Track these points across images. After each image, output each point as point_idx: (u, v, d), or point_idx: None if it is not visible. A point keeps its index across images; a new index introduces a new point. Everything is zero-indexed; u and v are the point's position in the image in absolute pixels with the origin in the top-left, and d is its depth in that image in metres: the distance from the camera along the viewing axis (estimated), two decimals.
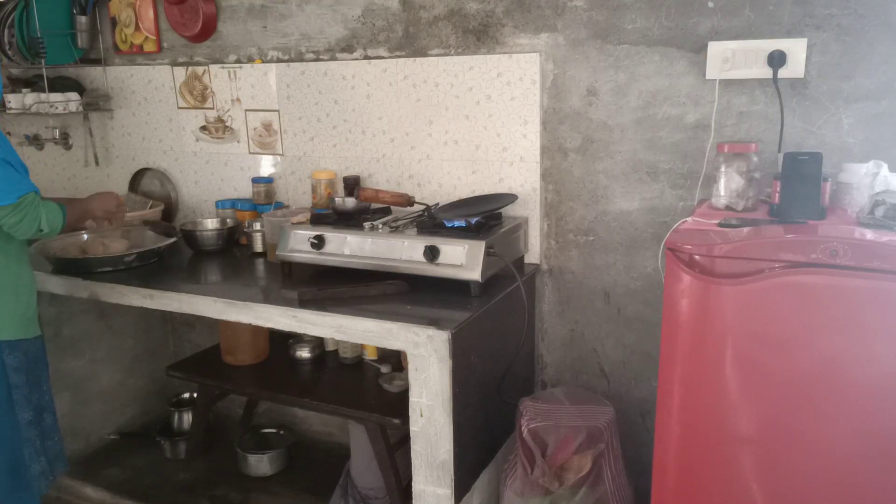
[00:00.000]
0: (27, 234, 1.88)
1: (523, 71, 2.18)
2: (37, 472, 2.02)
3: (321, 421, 2.89)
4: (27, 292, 1.99)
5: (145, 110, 2.92)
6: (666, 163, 2.08)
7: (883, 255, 1.36)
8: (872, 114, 1.84)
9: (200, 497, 2.57)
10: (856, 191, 1.69)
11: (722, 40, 1.94)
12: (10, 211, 1.81)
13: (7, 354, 1.92)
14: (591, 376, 2.33)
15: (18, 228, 1.84)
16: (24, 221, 1.84)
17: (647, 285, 2.18)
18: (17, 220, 1.83)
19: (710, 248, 1.50)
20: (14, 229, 1.84)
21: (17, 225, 1.83)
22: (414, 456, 1.83)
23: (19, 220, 1.83)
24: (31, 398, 1.99)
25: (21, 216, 1.83)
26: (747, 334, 1.49)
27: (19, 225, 1.84)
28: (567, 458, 1.87)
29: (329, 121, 2.54)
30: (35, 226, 1.87)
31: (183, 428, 2.95)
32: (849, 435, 1.44)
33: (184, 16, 2.69)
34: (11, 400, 1.94)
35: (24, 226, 1.84)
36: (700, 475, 1.60)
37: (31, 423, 2.00)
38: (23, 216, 1.83)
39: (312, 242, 2.09)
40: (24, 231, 1.86)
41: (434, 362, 1.74)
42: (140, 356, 3.02)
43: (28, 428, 1.99)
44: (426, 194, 2.40)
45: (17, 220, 1.83)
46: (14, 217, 1.82)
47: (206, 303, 2.04)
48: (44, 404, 2.04)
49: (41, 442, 2.03)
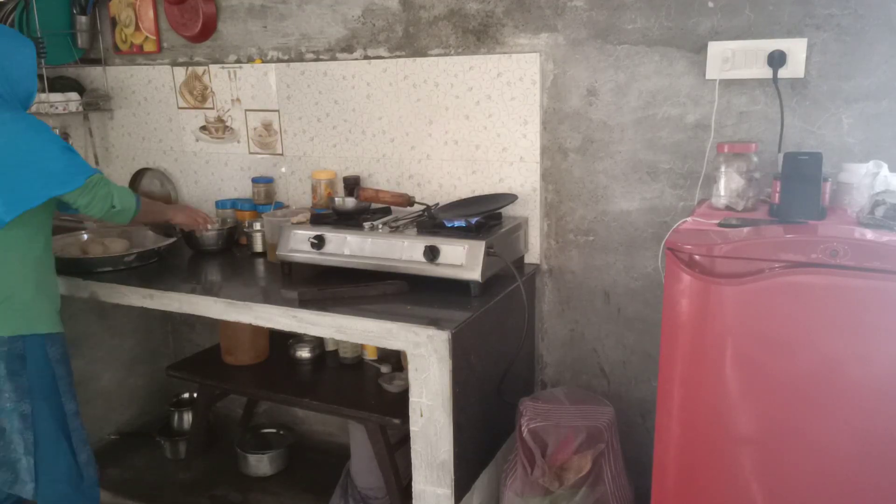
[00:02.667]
0: (101, 213, 1.98)
1: (523, 71, 2.18)
2: (84, 460, 2.07)
3: (321, 421, 2.89)
4: (55, 287, 2.06)
5: (145, 110, 2.92)
6: (666, 163, 2.08)
7: (883, 255, 1.36)
8: (872, 114, 1.84)
9: (200, 497, 2.57)
10: (856, 191, 1.69)
11: (722, 40, 1.94)
12: (81, 192, 1.91)
13: (49, 347, 1.98)
14: (591, 376, 2.33)
15: (92, 208, 1.95)
16: (96, 200, 1.95)
17: (647, 285, 2.18)
18: (88, 199, 1.93)
19: (710, 248, 1.50)
20: (88, 209, 1.95)
21: (90, 204, 1.94)
22: (414, 456, 1.83)
23: (90, 200, 1.94)
24: (72, 389, 2.05)
25: (91, 196, 1.93)
26: (747, 334, 1.49)
27: (92, 204, 1.95)
28: (567, 458, 1.87)
29: (329, 121, 2.54)
30: (108, 203, 1.97)
31: (183, 428, 2.95)
32: (849, 435, 1.44)
33: (184, 16, 2.69)
34: (58, 392, 2.00)
35: (96, 205, 1.95)
36: (700, 475, 1.60)
37: (77, 413, 2.05)
38: (93, 196, 1.94)
39: (312, 242, 2.09)
40: (98, 209, 1.97)
41: (434, 362, 1.74)
42: (140, 356, 3.02)
43: (74, 418, 2.04)
44: (426, 194, 2.40)
45: (88, 199, 1.93)
46: (85, 198, 1.93)
47: (206, 303, 2.04)
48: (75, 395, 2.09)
49: (84, 431, 2.08)
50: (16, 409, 1.93)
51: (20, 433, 1.95)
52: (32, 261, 1.95)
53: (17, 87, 1.95)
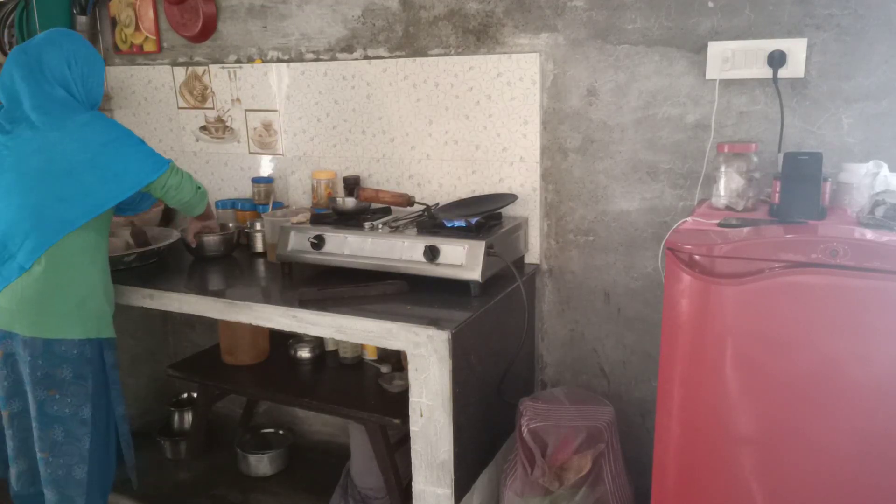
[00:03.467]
0: (190, 193, 2.05)
1: (523, 71, 2.18)
2: (132, 464, 2.10)
3: (321, 421, 2.89)
4: (113, 293, 2.08)
5: (145, 110, 2.92)
6: (666, 163, 2.08)
7: (883, 255, 1.36)
8: (872, 114, 1.84)
9: (200, 497, 2.57)
10: (856, 191, 1.69)
11: (722, 40, 1.94)
12: (169, 174, 1.97)
13: (107, 352, 2.01)
14: (591, 376, 2.33)
15: (182, 188, 2.02)
16: (185, 181, 2.03)
17: (647, 285, 2.18)
18: (178, 180, 2.00)
19: (710, 248, 1.50)
20: (178, 189, 2.01)
21: (180, 184, 2.01)
22: (414, 456, 1.83)
23: (181, 180, 2.01)
24: (122, 394, 2.06)
25: (180, 176, 2.01)
26: (747, 334, 1.49)
27: (182, 183, 2.02)
28: (567, 458, 1.87)
29: (329, 121, 2.54)
30: (193, 183, 2.07)
31: (183, 428, 2.95)
32: (849, 435, 1.44)
33: (184, 16, 2.70)
34: (110, 397, 2.02)
35: (185, 184, 2.03)
36: (700, 475, 1.60)
37: (124, 417, 2.07)
38: (181, 176, 2.01)
39: (312, 242, 2.09)
40: (187, 190, 2.04)
41: (434, 362, 1.74)
42: (140, 356, 3.02)
43: (122, 423, 2.06)
44: (426, 194, 2.40)
45: (178, 180, 2.00)
46: (175, 178, 1.99)
47: (206, 303, 2.04)
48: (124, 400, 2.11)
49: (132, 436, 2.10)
50: (76, 414, 1.94)
51: (77, 440, 1.95)
52: (101, 265, 1.98)
53: (91, 95, 1.99)
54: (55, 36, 1.95)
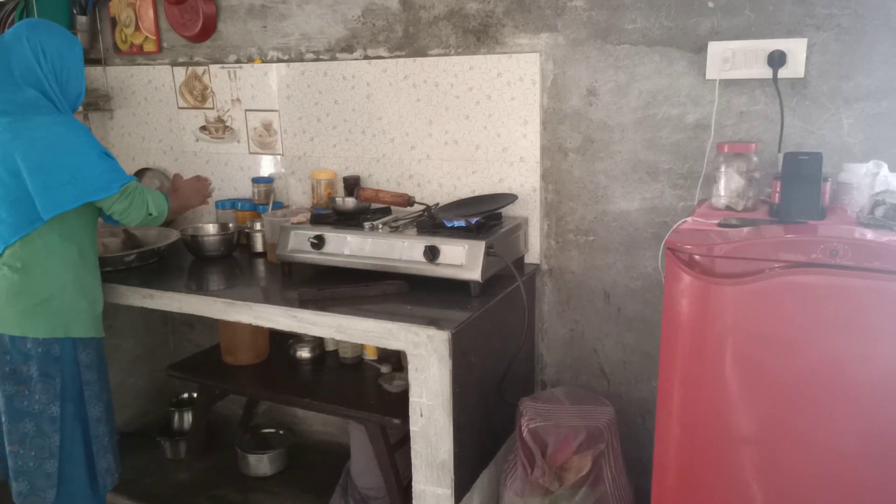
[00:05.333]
0: (137, 220, 1.98)
1: (523, 71, 2.18)
2: (103, 468, 2.07)
3: (321, 421, 2.89)
4: (97, 291, 2.06)
5: (145, 110, 2.92)
6: (666, 163, 2.08)
7: (883, 255, 1.36)
8: (872, 114, 1.84)
9: (200, 497, 2.57)
10: (856, 191, 1.69)
11: (722, 40, 1.94)
12: (117, 199, 1.91)
13: (80, 352, 1.98)
14: (591, 376, 2.33)
15: (128, 215, 1.95)
16: (133, 207, 1.95)
17: (647, 285, 2.18)
18: (125, 206, 1.93)
19: (710, 248, 1.50)
20: (124, 215, 1.94)
21: (126, 211, 1.94)
22: (414, 456, 1.83)
23: (128, 207, 1.94)
24: (101, 396, 2.04)
25: (128, 203, 1.93)
26: (747, 334, 1.49)
27: (128, 211, 1.94)
28: (567, 458, 1.87)
29: (329, 121, 2.54)
30: (143, 210, 1.98)
31: (183, 428, 2.95)
32: (849, 435, 1.44)
33: (184, 16, 2.69)
34: (83, 397, 2.00)
35: (133, 212, 1.95)
36: (700, 475, 1.60)
37: (100, 419, 2.04)
38: (130, 202, 1.94)
39: (312, 242, 2.09)
40: (134, 217, 1.96)
41: (434, 362, 1.74)
42: (140, 356, 3.02)
43: (97, 425, 2.04)
44: (426, 194, 2.40)
45: (125, 206, 1.93)
46: (121, 204, 1.93)
47: (206, 303, 2.04)
48: (108, 402, 2.09)
49: (108, 439, 2.08)
50: (45, 411, 1.94)
51: (46, 436, 1.95)
52: (73, 264, 1.95)
53: (67, 88, 1.94)
54: (21, 29, 1.88)
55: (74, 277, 1.96)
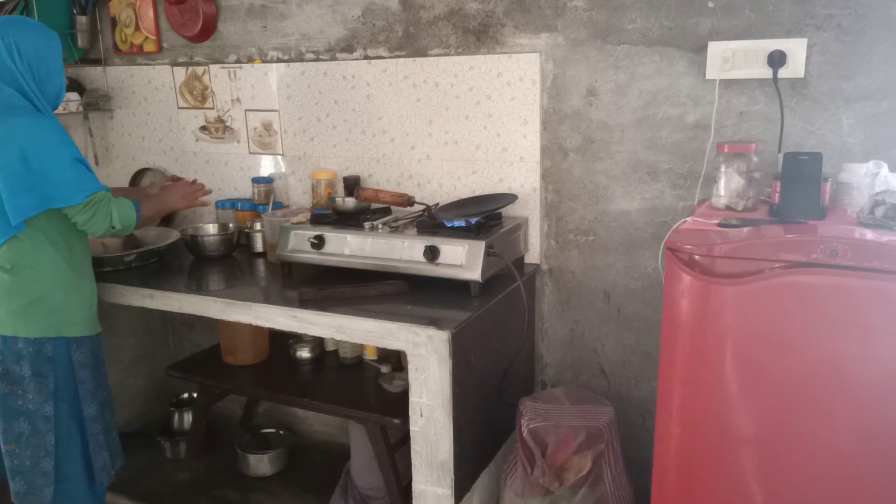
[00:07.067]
0: (100, 232, 1.94)
1: (523, 71, 2.18)
2: (100, 465, 2.07)
3: (321, 421, 2.89)
4: (90, 289, 2.05)
5: (145, 110, 2.92)
6: (666, 163, 2.08)
7: (883, 255, 1.36)
8: (872, 114, 1.84)
9: (200, 497, 2.57)
10: (856, 191, 1.69)
11: (722, 40, 1.94)
12: (80, 209, 1.87)
13: (74, 350, 1.98)
14: (591, 376, 2.33)
15: (91, 225, 1.91)
16: (96, 219, 1.89)
17: (647, 285, 2.18)
18: (87, 217, 1.88)
19: (710, 248, 1.50)
20: (87, 226, 1.91)
21: (88, 222, 1.90)
22: (414, 456, 1.83)
23: (90, 218, 1.89)
24: (97, 394, 2.04)
25: (91, 214, 1.88)
26: (747, 334, 1.49)
27: (91, 222, 1.90)
28: (567, 458, 1.87)
29: (329, 121, 2.54)
30: (107, 222, 1.92)
31: (183, 428, 2.95)
32: (849, 435, 1.44)
33: (184, 16, 2.70)
34: (78, 396, 2.00)
35: (95, 223, 1.90)
36: (700, 475, 1.60)
37: (95, 418, 2.04)
38: (93, 214, 1.88)
39: (312, 242, 2.09)
40: (97, 228, 1.92)
41: (434, 362, 1.74)
42: (140, 356, 3.02)
43: (92, 423, 2.03)
44: (426, 194, 2.40)
45: (87, 217, 1.88)
46: (84, 215, 1.88)
47: (206, 303, 2.04)
48: (105, 400, 2.09)
49: (104, 436, 2.07)
50: (39, 410, 1.94)
51: (41, 435, 1.95)
52: (63, 263, 1.95)
53: (46, 86, 1.91)
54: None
55: (65, 276, 1.95)
